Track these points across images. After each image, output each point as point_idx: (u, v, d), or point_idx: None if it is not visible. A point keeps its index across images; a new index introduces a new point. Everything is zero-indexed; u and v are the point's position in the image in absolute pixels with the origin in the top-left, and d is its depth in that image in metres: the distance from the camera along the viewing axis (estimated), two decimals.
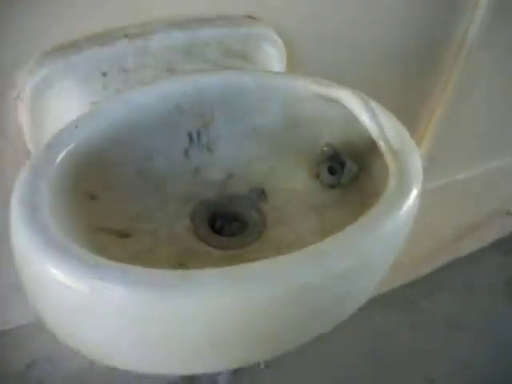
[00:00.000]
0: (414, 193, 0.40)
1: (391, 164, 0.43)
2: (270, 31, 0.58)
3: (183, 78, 0.49)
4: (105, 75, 0.49)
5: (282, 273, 0.33)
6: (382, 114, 0.45)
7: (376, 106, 0.46)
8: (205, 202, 0.49)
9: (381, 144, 0.44)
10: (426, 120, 0.89)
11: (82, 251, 0.33)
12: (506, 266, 1.38)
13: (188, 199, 0.49)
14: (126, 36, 0.50)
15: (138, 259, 0.42)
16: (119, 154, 0.45)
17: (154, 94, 0.47)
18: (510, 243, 1.41)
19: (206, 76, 0.49)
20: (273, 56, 0.58)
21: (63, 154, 0.40)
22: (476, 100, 0.93)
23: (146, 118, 0.46)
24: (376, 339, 1.18)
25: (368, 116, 0.44)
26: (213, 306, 0.32)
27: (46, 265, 0.32)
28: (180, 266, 0.43)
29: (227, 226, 0.48)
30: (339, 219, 0.43)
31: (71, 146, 0.41)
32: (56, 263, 0.32)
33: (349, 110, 0.47)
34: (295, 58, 0.64)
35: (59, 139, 0.41)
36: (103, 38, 0.50)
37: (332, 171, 0.48)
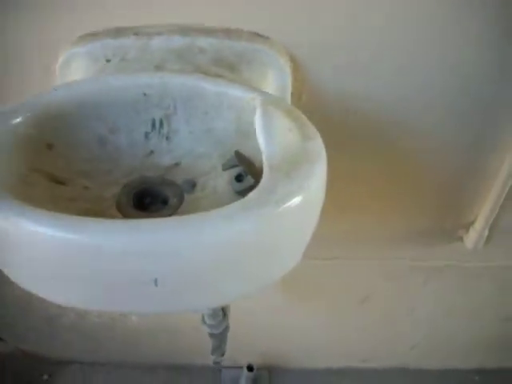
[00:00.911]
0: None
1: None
2: (272, 50, 0.62)
3: (156, 73, 0.58)
4: (108, 61, 0.61)
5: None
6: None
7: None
8: (142, 178, 0.57)
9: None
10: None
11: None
12: None
13: (130, 174, 0.58)
14: (135, 34, 0.61)
15: (56, 203, 0.53)
16: (87, 120, 0.57)
17: (125, 81, 0.57)
18: None
19: (173, 75, 0.57)
20: (268, 73, 0.62)
21: (38, 105, 0.54)
22: None
23: (116, 98, 0.57)
24: None
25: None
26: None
27: None
28: None
29: (151, 205, 0.56)
30: None
31: (46, 101, 0.54)
32: None
33: None
34: (305, 83, 0.67)
35: (39, 96, 0.55)
36: (118, 32, 0.62)
37: (239, 179, 0.51)
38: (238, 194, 0.52)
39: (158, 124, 0.59)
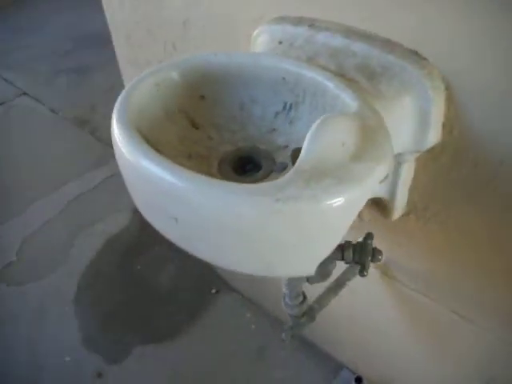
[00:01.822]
0: None
1: None
2: (422, 72, 0.59)
3: (296, 62, 0.63)
4: (280, 43, 0.69)
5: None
6: None
7: None
8: (254, 149, 0.65)
9: None
10: None
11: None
12: None
13: (248, 141, 0.66)
14: (310, 25, 0.67)
15: (182, 141, 0.65)
16: (235, 85, 0.67)
17: (272, 62, 0.64)
18: None
19: (309, 68, 0.61)
20: (406, 93, 0.60)
21: (198, 61, 0.67)
22: None
23: (262, 74, 0.66)
24: None
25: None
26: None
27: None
28: None
29: (247, 172, 0.63)
30: None
31: (205, 61, 0.67)
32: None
33: None
34: (459, 118, 0.61)
35: (203, 55, 0.67)
36: (299, 21, 0.69)
37: None
38: None
39: (288, 107, 0.65)
